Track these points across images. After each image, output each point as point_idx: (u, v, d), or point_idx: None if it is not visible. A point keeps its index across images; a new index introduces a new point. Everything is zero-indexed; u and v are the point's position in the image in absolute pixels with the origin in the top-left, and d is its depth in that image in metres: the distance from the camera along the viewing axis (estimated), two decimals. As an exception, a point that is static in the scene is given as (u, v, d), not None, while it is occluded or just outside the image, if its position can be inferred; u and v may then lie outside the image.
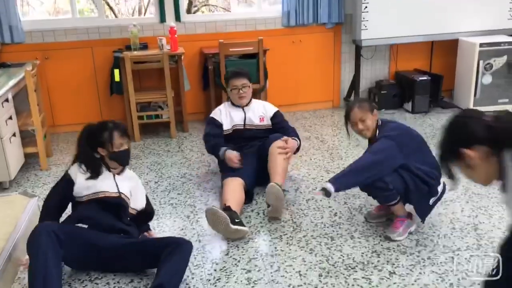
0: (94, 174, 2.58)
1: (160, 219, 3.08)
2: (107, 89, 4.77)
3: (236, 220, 2.74)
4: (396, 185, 2.62)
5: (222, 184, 3.21)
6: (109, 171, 2.63)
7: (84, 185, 2.56)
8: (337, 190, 2.57)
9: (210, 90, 4.82)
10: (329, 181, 2.59)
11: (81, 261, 2.49)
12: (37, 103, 3.91)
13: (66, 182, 2.60)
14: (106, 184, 2.59)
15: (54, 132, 4.75)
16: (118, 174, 2.66)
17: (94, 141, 2.58)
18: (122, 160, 2.65)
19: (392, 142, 2.64)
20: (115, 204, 2.57)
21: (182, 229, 2.94)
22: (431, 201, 2.75)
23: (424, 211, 2.76)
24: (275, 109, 3.60)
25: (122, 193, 2.61)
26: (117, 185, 2.61)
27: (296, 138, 3.42)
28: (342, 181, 2.61)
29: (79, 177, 2.57)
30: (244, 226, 2.78)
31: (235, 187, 3.10)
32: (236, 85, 3.48)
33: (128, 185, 2.68)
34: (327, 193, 2.55)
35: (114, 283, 2.45)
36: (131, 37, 4.48)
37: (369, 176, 2.60)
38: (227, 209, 2.82)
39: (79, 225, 2.45)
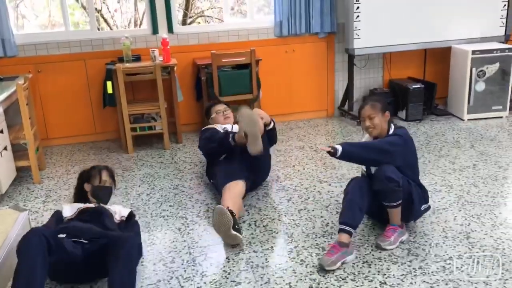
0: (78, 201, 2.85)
1: (151, 231, 3.06)
2: (100, 102, 4.77)
3: (236, 227, 2.79)
4: (403, 183, 2.69)
5: (222, 189, 3.18)
6: None
7: (68, 208, 2.74)
8: (342, 155, 2.67)
9: (203, 101, 4.81)
10: (341, 144, 2.70)
11: (61, 271, 2.47)
12: (29, 116, 3.91)
13: (56, 213, 2.79)
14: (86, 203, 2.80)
15: (47, 145, 4.75)
16: None
17: (83, 176, 2.91)
18: (103, 196, 2.84)
19: (403, 142, 2.78)
20: (95, 213, 2.65)
21: (173, 241, 2.92)
22: (422, 207, 2.86)
23: (417, 214, 2.87)
24: None
25: (102, 205, 2.76)
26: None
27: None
28: (350, 149, 2.72)
29: (65, 206, 2.79)
30: (241, 234, 2.81)
31: (236, 194, 3.13)
32: (219, 110, 3.82)
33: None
34: (333, 153, 2.66)
35: (103, 297, 2.43)
36: (123, 49, 4.49)
37: (374, 158, 2.72)
38: (230, 213, 2.81)
39: (59, 236, 2.44)
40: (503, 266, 2.50)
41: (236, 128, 3.57)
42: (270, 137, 3.60)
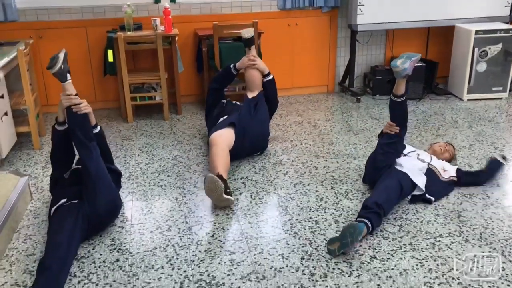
0: None
1: (149, 200, 3.12)
2: (101, 70, 4.77)
3: (228, 190, 2.94)
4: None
5: (209, 142, 3.38)
6: None
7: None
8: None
9: (204, 72, 4.81)
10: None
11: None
12: (30, 82, 3.92)
13: None
14: None
15: (47, 112, 4.76)
16: None
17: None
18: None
19: None
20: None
21: (170, 210, 2.98)
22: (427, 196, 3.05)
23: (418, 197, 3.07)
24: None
25: None
26: None
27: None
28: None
29: None
30: (232, 196, 2.97)
31: (223, 149, 3.28)
32: None
33: None
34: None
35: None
36: (125, 17, 4.46)
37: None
38: (220, 178, 2.94)
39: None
40: (491, 245, 2.56)
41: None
42: (267, 93, 3.87)
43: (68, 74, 2.78)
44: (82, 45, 4.72)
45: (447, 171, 3.16)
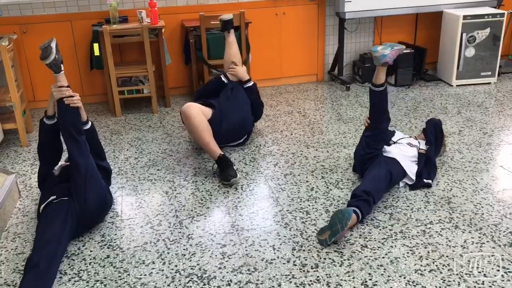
0: None
1: (139, 194, 3.10)
2: (87, 64, 4.71)
3: (234, 166, 3.23)
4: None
5: (182, 114, 3.41)
6: None
7: None
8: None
9: (191, 64, 4.77)
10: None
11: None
12: (15, 78, 3.86)
13: None
14: None
15: (35, 108, 4.71)
16: None
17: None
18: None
19: None
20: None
21: (160, 204, 2.97)
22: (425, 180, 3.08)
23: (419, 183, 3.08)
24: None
25: None
26: None
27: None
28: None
29: None
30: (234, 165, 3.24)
31: (201, 119, 3.35)
32: None
33: None
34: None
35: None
36: (110, 10, 4.40)
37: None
38: (223, 158, 3.21)
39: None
40: (481, 230, 2.58)
41: None
42: (251, 100, 3.81)
43: (61, 65, 2.73)
44: (67, 40, 4.66)
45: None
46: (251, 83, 3.82)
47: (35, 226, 2.68)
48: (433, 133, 3.27)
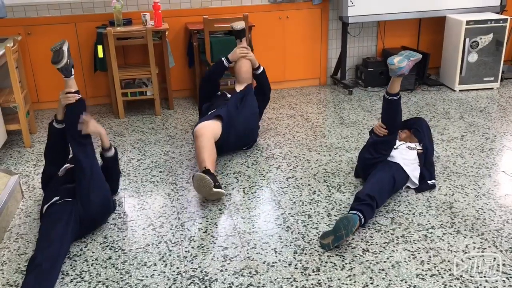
0: None
1: (141, 196, 3.11)
2: (91, 66, 4.73)
3: (217, 184, 2.95)
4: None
5: (194, 133, 3.36)
6: None
7: None
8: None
9: (195, 67, 4.78)
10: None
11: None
12: (19, 79, 3.88)
13: None
14: None
15: (38, 109, 4.73)
16: None
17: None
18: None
19: None
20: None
21: (162, 206, 2.97)
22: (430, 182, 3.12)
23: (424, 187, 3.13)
24: None
25: None
26: None
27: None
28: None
29: None
30: (222, 188, 2.97)
31: (208, 140, 3.25)
32: None
33: None
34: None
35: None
36: (114, 13, 4.42)
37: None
38: (207, 172, 2.96)
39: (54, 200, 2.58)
40: (482, 236, 2.58)
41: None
42: (261, 85, 3.92)
43: (72, 69, 2.75)
44: (71, 41, 4.67)
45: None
46: (262, 68, 3.95)
47: (38, 227, 2.69)
48: (426, 132, 3.26)
